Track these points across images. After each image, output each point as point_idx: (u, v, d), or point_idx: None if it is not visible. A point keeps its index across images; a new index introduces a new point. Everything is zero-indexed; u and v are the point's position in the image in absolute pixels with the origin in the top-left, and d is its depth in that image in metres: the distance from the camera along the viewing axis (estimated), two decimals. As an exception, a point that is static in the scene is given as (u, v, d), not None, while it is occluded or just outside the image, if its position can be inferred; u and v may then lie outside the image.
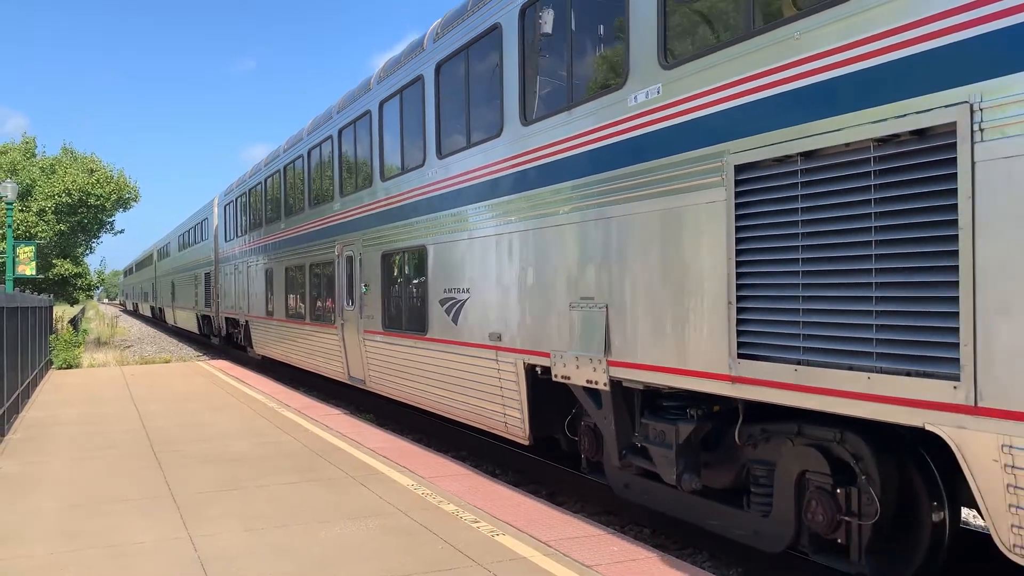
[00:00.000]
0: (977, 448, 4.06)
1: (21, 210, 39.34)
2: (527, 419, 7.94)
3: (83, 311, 67.05)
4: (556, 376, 7.35)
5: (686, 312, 5.84)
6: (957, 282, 4.10)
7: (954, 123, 4.09)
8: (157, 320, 56.46)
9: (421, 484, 8.37)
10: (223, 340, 26.22)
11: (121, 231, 62.27)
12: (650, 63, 6.16)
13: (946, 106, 4.13)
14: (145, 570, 6.07)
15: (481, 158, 8.62)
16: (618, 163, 6.50)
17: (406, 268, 10.69)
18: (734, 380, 5.42)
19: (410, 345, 10.45)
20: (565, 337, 7.20)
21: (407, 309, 10.68)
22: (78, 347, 28.06)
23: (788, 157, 5.01)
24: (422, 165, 10.05)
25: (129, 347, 36.82)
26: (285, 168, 17.05)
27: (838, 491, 5.17)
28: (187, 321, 35.34)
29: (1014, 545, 4.01)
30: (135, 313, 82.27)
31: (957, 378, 4.10)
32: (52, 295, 37.51)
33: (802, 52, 4.93)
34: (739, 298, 5.37)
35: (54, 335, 26.79)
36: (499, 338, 8.26)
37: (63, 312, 49.09)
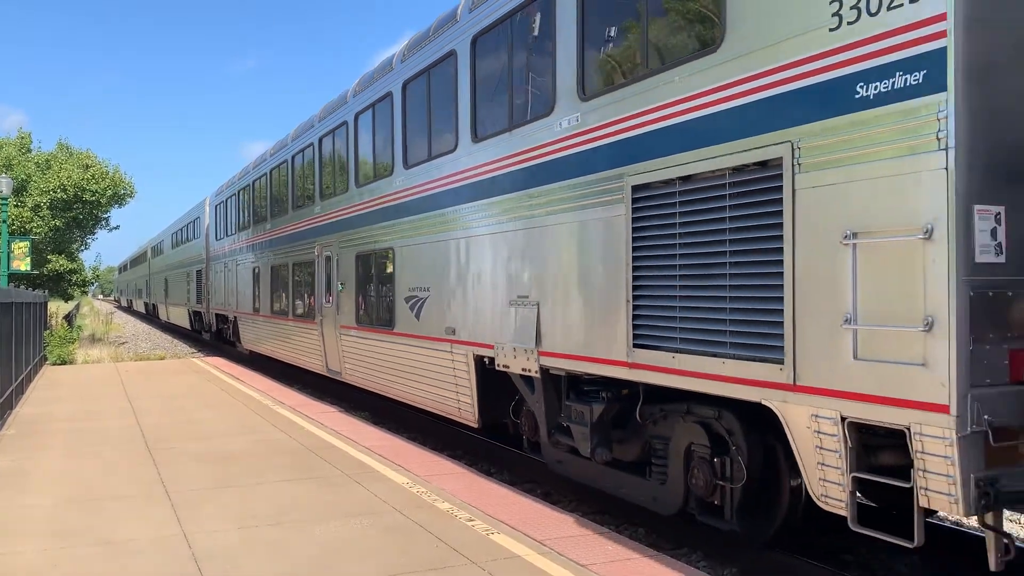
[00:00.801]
0: (796, 418, 5.22)
1: (16, 205, 39.67)
2: (476, 405, 9.12)
3: (78, 307, 68.02)
4: (499, 365, 8.52)
5: (596, 309, 7.00)
6: (782, 285, 5.26)
7: (781, 157, 5.25)
8: (151, 316, 57.55)
9: (416, 482, 8.56)
10: (213, 336, 27.53)
11: (116, 227, 63.07)
12: (572, 95, 7.33)
13: (777, 144, 5.29)
14: (138, 568, 6.16)
15: (439, 170, 9.82)
16: (547, 180, 7.66)
17: (377, 268, 11.90)
18: (631, 366, 6.59)
19: (380, 339, 11.66)
20: (506, 331, 8.37)
21: (377, 306, 11.89)
22: (72, 343, 28.53)
23: (670, 181, 6.17)
24: (391, 174, 11.26)
25: (124, 343, 37.51)
26: (271, 171, 18.33)
27: (715, 460, 6.33)
28: (179, 317, 36.64)
29: (821, 495, 5.16)
30: (129, 309, 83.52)
31: (782, 362, 5.26)
32: (47, 291, 37.68)
33: (678, 94, 6.09)
34: (634, 297, 6.53)
35: (48, 331, 27.05)
36: (453, 332, 9.44)
37: (58, 308, 49.68)
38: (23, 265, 31.96)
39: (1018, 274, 4.47)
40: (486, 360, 8.88)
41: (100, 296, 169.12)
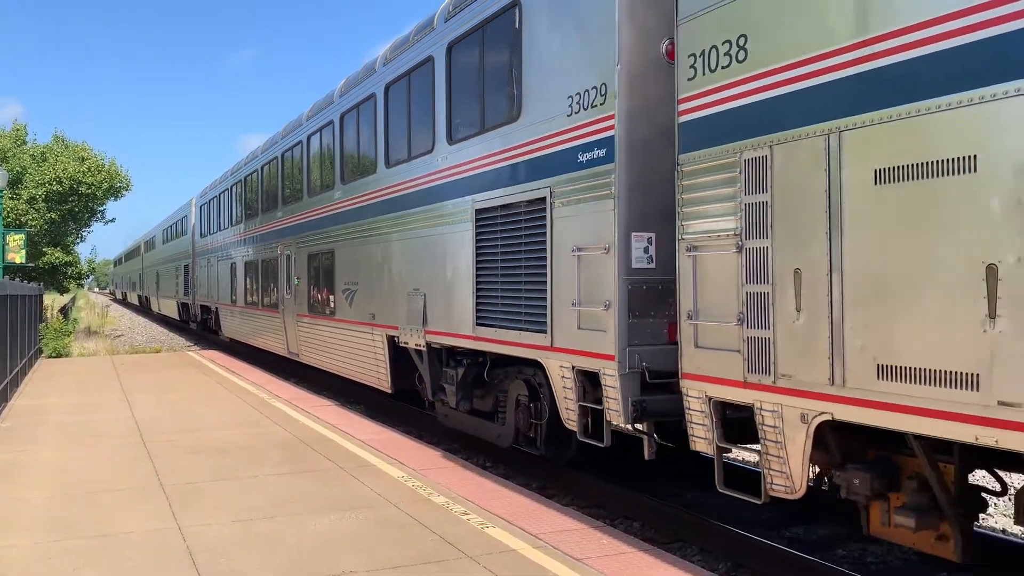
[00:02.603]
0: (553, 368, 8.40)
1: (11, 198, 41.03)
2: (390, 375, 12.38)
3: (73, 300, 70.86)
4: (401, 343, 11.75)
5: (457, 298, 10.21)
6: (547, 281, 8.43)
7: (544, 199, 8.42)
8: (144, 308, 60.95)
9: (412, 476, 9.13)
10: (199, 325, 31.14)
11: (112, 220, 65.37)
12: (444, 139, 10.54)
13: (544, 188, 8.46)
14: (134, 561, 6.41)
15: (365, 187, 13.10)
16: (431, 201, 10.88)
17: (323, 266, 15.20)
18: (475, 339, 9.79)
19: (325, 324, 14.97)
20: (406, 315, 11.59)
21: (323, 296, 15.17)
22: (68, 336, 30.11)
23: (495, 207, 9.36)
24: (333, 188, 14.60)
25: (119, 336, 39.92)
26: (246, 178, 21.86)
27: (531, 405, 9.50)
28: (169, 309, 40.44)
29: (566, 418, 8.33)
30: (124, 302, 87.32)
31: (546, 332, 8.44)
32: (42, 283, 39.21)
33: (500, 147, 9.28)
34: (477, 289, 9.73)
35: (44, 324, 28.79)
36: (373, 317, 12.70)
37: (53, 301, 51.38)
38: (18, 258, 33.37)
39: (666, 275, 7.59)
40: (396, 339, 12.11)
41: (96, 289, 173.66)
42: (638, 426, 7.65)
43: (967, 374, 4.53)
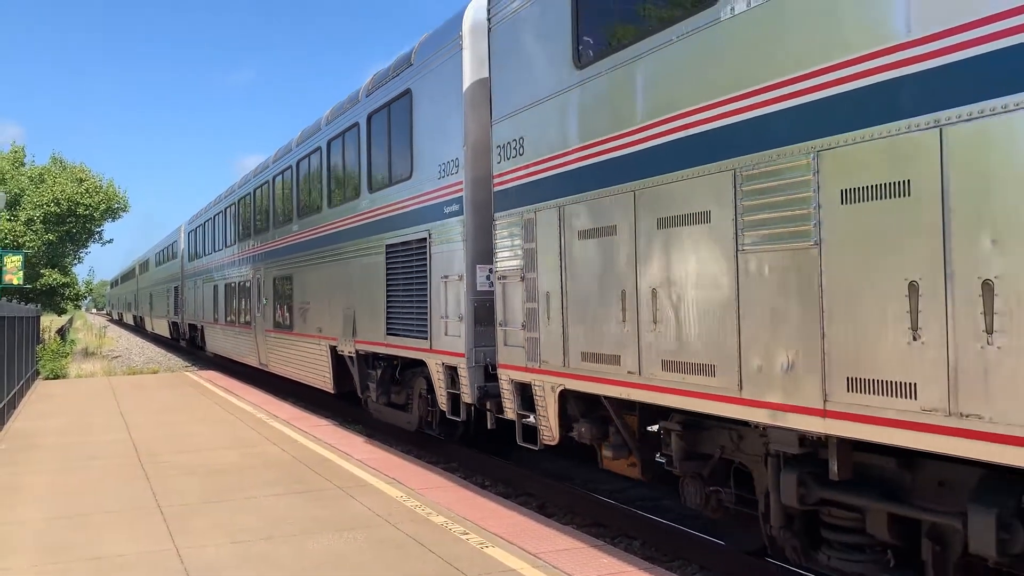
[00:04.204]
0: (433, 365, 11.95)
1: (9, 219, 43.79)
2: (332, 378, 15.96)
3: (71, 321, 74.37)
4: (339, 351, 15.33)
5: (375, 313, 13.77)
6: (427, 299, 11.98)
7: (425, 239, 12.00)
8: (139, 328, 64.64)
9: (410, 496, 9.47)
10: (188, 342, 35.09)
11: (110, 241, 67.39)
12: (367, 189, 14.15)
13: (425, 231, 12.03)
14: None
15: (313, 224, 16.78)
16: (357, 237, 14.48)
17: (285, 288, 18.85)
18: (387, 346, 13.35)
19: (287, 338, 18.62)
20: (342, 328, 15.15)
21: (284, 314, 18.81)
22: (65, 357, 32.43)
23: (397, 244, 12.93)
24: (292, 222, 18.29)
25: (117, 357, 41.90)
26: (226, 209, 25.90)
27: (429, 396, 13.01)
28: (161, 328, 44.75)
29: (441, 403, 11.85)
30: (120, 322, 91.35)
31: (427, 338, 11.98)
32: (39, 305, 39.63)
33: (399, 197, 12.87)
34: (387, 306, 13.30)
35: (41, 345, 30.30)
36: (320, 330, 16.30)
37: (51, 322, 54.54)
38: (16, 279, 35.67)
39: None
40: (336, 348, 15.67)
41: (94, 310, 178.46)
42: (488, 405, 11.19)
43: (615, 355, 7.99)
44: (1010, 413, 4.59)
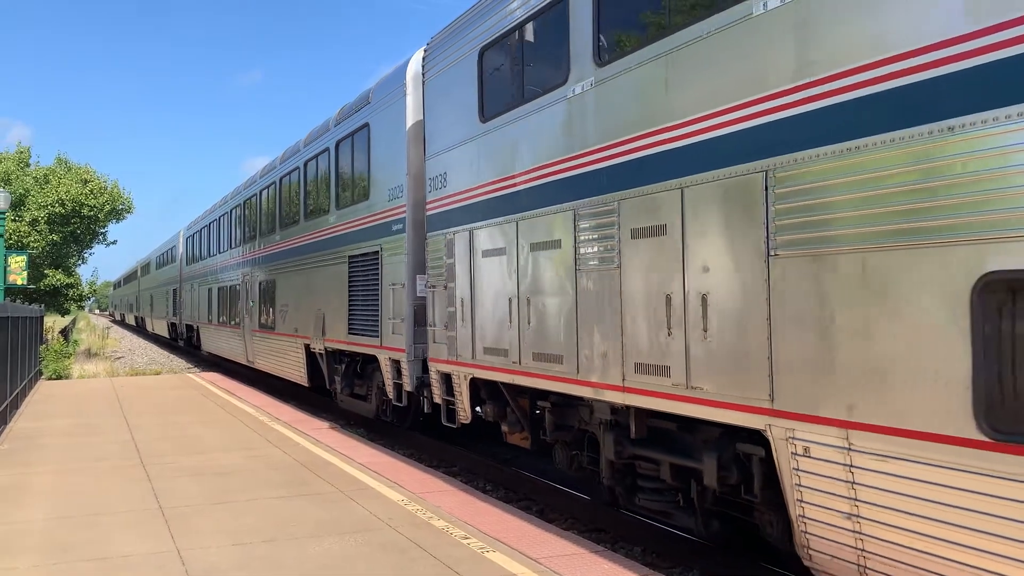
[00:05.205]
0: (383, 360, 14.48)
1: (14, 220, 44.06)
2: (306, 374, 18.51)
3: (74, 322, 75.71)
4: (312, 348, 17.86)
5: (339, 315, 16.29)
6: (379, 304, 14.50)
7: (378, 252, 14.53)
8: (140, 329, 67.18)
9: (412, 499, 9.58)
10: (185, 342, 37.79)
11: (114, 242, 69.22)
12: (334, 205, 16.70)
13: (377, 244, 14.55)
14: None
15: (292, 234, 19.31)
16: (327, 248, 17.03)
17: (269, 291, 21.44)
18: (349, 343, 15.88)
19: (270, 337, 21.20)
20: (313, 328, 17.68)
21: (268, 315, 21.39)
22: (68, 358, 33.27)
23: (356, 255, 15.47)
24: (274, 233, 20.89)
25: (120, 358, 42.70)
26: (220, 218, 28.50)
27: (384, 387, 15.50)
28: (161, 328, 47.60)
29: (388, 391, 14.35)
30: (123, 323, 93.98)
31: (379, 337, 14.50)
32: (43, 305, 40.97)
33: (359, 215, 15.41)
34: (349, 309, 15.83)
35: (44, 346, 31.03)
36: (296, 330, 18.86)
37: (54, 322, 55.64)
38: (20, 279, 35.40)
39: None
40: (309, 346, 18.20)
41: (97, 311, 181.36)
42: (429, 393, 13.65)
43: (505, 349, 10.43)
44: (720, 387, 7.00)
